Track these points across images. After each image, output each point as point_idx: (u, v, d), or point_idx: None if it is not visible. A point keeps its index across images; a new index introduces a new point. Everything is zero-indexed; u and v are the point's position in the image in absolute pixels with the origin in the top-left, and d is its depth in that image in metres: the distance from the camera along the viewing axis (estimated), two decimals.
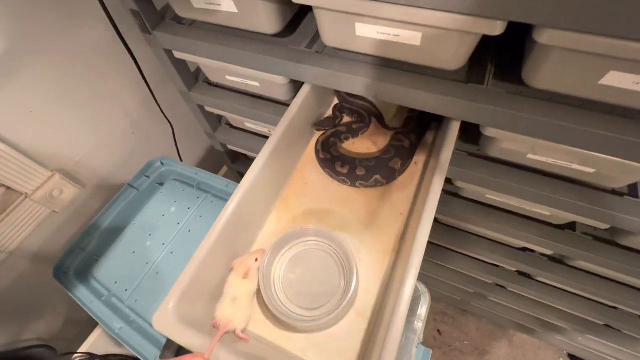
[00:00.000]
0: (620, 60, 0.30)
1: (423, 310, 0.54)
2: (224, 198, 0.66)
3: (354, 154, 0.52)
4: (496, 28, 0.31)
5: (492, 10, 0.29)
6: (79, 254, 0.64)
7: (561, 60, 0.33)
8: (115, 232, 0.66)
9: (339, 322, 0.40)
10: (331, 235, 0.43)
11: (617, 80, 0.32)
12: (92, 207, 0.83)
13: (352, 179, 0.47)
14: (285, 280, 0.42)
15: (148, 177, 0.72)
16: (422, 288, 0.56)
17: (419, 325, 0.54)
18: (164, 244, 0.62)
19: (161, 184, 0.72)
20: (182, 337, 0.34)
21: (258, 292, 0.41)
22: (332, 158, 0.49)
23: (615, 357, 0.90)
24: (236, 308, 0.38)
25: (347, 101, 0.57)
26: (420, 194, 0.46)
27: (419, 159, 0.51)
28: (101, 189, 0.84)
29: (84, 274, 0.62)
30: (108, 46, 0.67)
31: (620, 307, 0.67)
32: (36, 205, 0.71)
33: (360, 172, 0.46)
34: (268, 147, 0.45)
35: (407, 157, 0.47)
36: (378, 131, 0.55)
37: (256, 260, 0.41)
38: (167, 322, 0.34)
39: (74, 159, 0.76)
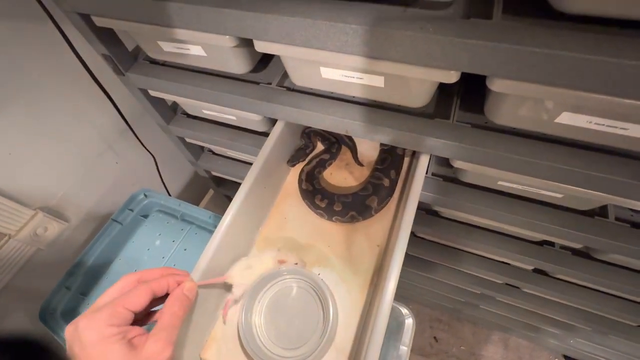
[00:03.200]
0: (569, 105, 0.31)
1: (407, 334, 0.55)
2: (208, 229, 0.67)
3: (333, 188, 0.53)
4: (451, 77, 0.32)
5: (443, 63, 0.30)
6: (65, 293, 0.64)
7: (516, 103, 0.34)
8: (101, 269, 0.66)
9: None
10: (304, 272, 0.44)
11: (571, 119, 0.33)
12: (78, 240, 0.83)
13: (329, 213, 0.48)
14: (265, 323, 0.42)
15: (132, 210, 0.72)
16: (406, 312, 0.57)
17: (404, 349, 0.55)
18: None
19: (145, 216, 0.72)
20: None
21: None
22: (313, 190, 0.50)
23: (607, 358, 0.91)
24: (245, 275, 0.42)
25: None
26: (395, 225, 0.47)
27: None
28: (87, 222, 0.84)
29: (71, 314, 0.62)
30: (85, 82, 0.67)
31: (602, 314, 0.69)
32: (20, 244, 0.70)
33: (337, 207, 0.47)
34: (244, 187, 0.45)
35: (385, 197, 0.48)
36: (353, 160, 0.56)
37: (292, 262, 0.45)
38: None
39: (57, 194, 0.76)
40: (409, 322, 0.56)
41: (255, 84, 0.50)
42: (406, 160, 0.53)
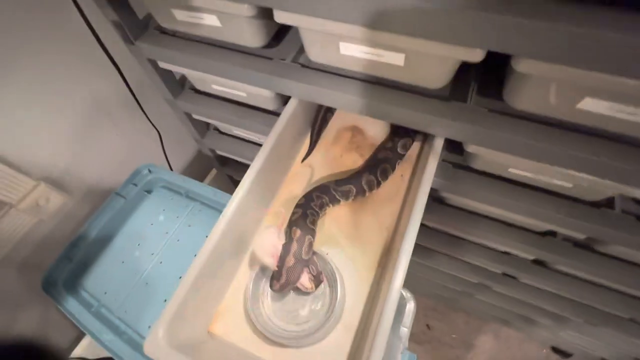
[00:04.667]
0: (593, 89, 0.31)
1: (408, 317, 0.56)
2: (213, 207, 0.66)
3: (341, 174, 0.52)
4: (476, 55, 0.31)
5: (470, 40, 0.30)
6: (67, 264, 0.63)
7: (539, 86, 0.33)
8: (103, 242, 0.66)
9: (326, 337, 0.41)
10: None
11: (592, 105, 0.33)
12: (80, 214, 0.82)
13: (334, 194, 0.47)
14: (272, 298, 0.43)
15: (136, 185, 0.72)
16: (407, 295, 0.58)
17: (404, 330, 0.56)
18: (152, 254, 0.62)
19: (149, 192, 0.72)
20: None
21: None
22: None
23: (596, 350, 0.94)
24: None
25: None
26: (405, 210, 0.47)
27: (405, 171, 0.51)
28: (89, 195, 0.83)
29: (73, 285, 0.62)
30: (90, 51, 0.65)
31: (596, 306, 0.70)
32: (22, 214, 0.70)
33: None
34: (255, 165, 0.44)
35: (390, 166, 0.48)
36: (363, 142, 0.55)
37: None
38: (157, 348, 0.34)
39: (60, 166, 0.74)
40: (411, 304, 0.56)
41: (268, 60, 0.49)
42: (418, 144, 0.53)
